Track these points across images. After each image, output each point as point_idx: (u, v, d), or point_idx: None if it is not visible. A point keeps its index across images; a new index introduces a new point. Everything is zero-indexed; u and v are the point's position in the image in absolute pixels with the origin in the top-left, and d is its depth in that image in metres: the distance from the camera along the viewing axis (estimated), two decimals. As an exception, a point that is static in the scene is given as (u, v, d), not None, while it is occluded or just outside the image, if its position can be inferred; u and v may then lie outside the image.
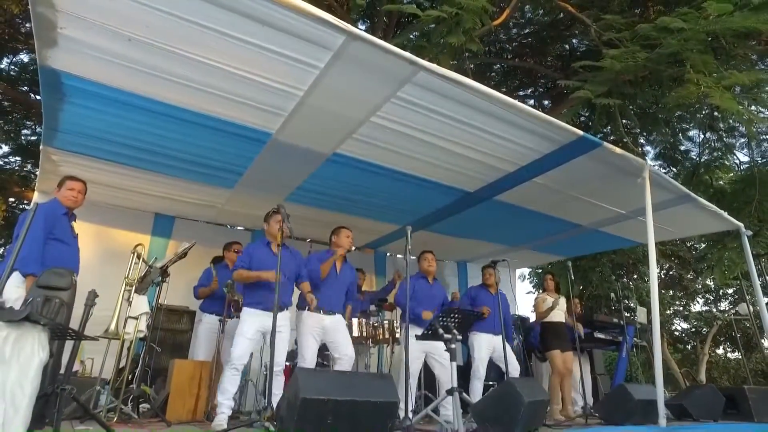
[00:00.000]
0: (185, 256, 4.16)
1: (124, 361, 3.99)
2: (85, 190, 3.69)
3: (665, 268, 14.59)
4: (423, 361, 4.53)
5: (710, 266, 9.69)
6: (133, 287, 3.89)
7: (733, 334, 14.60)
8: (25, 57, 9.21)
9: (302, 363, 3.89)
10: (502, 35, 9.68)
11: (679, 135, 9.40)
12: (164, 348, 4.70)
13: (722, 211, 5.18)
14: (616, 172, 4.35)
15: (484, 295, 5.21)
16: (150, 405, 3.98)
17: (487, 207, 5.34)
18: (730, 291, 15.90)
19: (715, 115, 8.40)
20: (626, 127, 8.57)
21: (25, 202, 9.78)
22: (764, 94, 6.52)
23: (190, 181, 4.92)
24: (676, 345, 18.90)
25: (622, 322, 6.49)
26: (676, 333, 18.86)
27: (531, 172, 4.52)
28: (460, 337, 3.80)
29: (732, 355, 19.25)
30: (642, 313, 7.30)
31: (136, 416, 3.67)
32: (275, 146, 4.11)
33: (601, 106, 6.42)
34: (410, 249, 3.95)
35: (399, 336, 5.08)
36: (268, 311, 3.63)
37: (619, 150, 4.09)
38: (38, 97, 6.72)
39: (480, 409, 3.42)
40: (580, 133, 3.84)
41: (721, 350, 19.28)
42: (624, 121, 8.22)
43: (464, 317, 3.90)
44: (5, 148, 10.07)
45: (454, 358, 3.64)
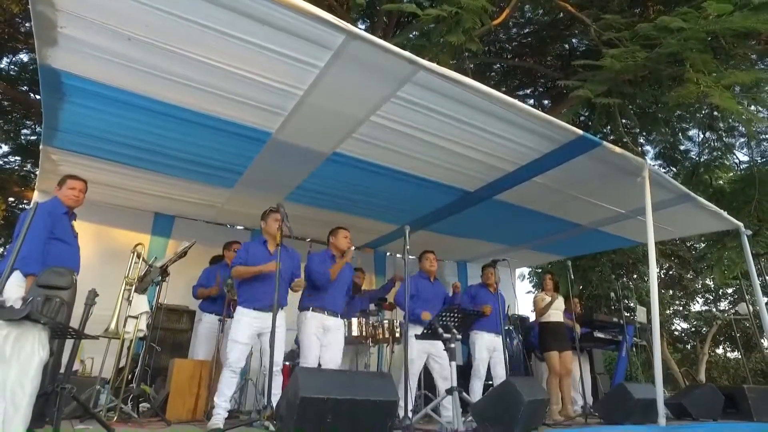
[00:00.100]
0: (185, 256, 4.17)
1: (124, 361, 3.99)
2: (85, 190, 3.67)
3: (665, 267, 14.59)
4: (425, 361, 4.54)
5: (710, 266, 9.70)
6: (133, 286, 3.89)
7: (733, 334, 14.60)
8: (24, 56, 9.23)
9: (305, 363, 3.88)
10: (502, 35, 9.69)
11: (679, 135, 9.40)
12: (164, 347, 4.71)
13: (722, 210, 5.18)
14: (616, 171, 4.36)
15: (484, 294, 5.23)
16: (150, 404, 3.99)
17: (486, 206, 5.35)
18: (729, 291, 15.91)
19: (715, 114, 8.41)
20: (626, 126, 8.57)
21: (25, 201, 9.78)
22: (764, 94, 6.54)
23: (190, 181, 4.93)
24: (676, 345, 18.91)
25: (621, 321, 6.49)
26: (676, 333, 18.87)
27: (531, 171, 4.52)
28: (459, 336, 3.80)
29: (732, 354, 19.27)
30: (642, 313, 7.30)
31: (136, 415, 3.67)
32: (275, 146, 4.11)
33: (601, 106, 6.42)
34: (409, 249, 3.96)
35: (399, 335, 5.08)
36: (262, 310, 3.64)
37: (618, 149, 4.09)
38: (38, 97, 6.73)
39: (480, 408, 3.42)
40: (580, 132, 3.84)
41: (721, 350, 19.29)
42: (624, 120, 8.22)
43: (464, 316, 3.90)
44: (5, 148, 10.09)
45: (454, 358, 3.64)
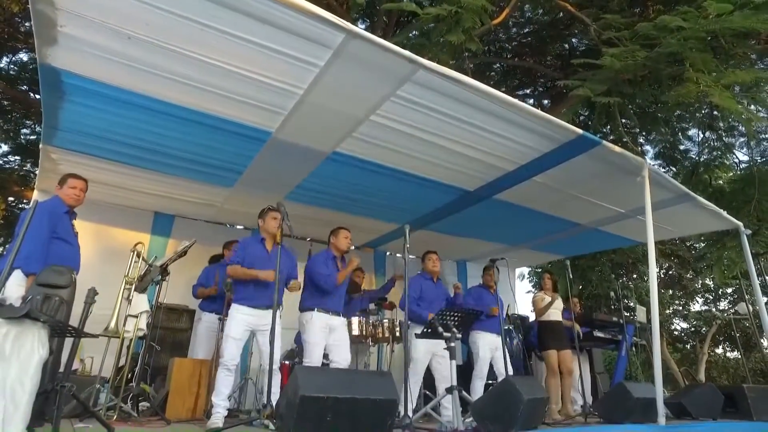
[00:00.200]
0: (185, 255, 4.17)
1: (123, 360, 4.00)
2: (86, 189, 3.68)
3: (665, 267, 14.59)
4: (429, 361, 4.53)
5: (709, 265, 9.70)
6: (132, 286, 3.89)
7: (733, 334, 14.62)
8: (24, 56, 9.24)
9: (309, 363, 3.89)
10: (502, 34, 9.69)
11: (679, 134, 9.40)
12: (164, 346, 4.71)
13: (721, 210, 5.18)
14: (616, 170, 4.35)
15: (486, 295, 5.22)
16: (149, 403, 3.98)
17: (486, 206, 5.34)
18: (729, 290, 15.92)
19: (715, 114, 8.42)
20: (625, 126, 8.58)
21: (25, 201, 9.78)
22: (763, 93, 6.54)
23: (190, 180, 4.92)
24: (676, 344, 18.92)
25: (621, 321, 6.49)
26: (676, 332, 18.88)
27: (530, 170, 4.52)
28: (459, 335, 3.81)
29: (731, 354, 19.28)
30: (641, 312, 7.30)
31: (135, 414, 3.66)
32: (275, 145, 4.11)
33: (601, 105, 6.43)
34: (408, 248, 3.95)
35: (400, 335, 5.09)
36: (257, 308, 3.65)
37: (618, 148, 4.09)
38: (38, 96, 6.72)
39: (479, 407, 3.42)
40: (580, 131, 3.83)
41: (721, 350, 19.30)
42: (623, 120, 8.23)
43: (465, 316, 3.91)
44: (5, 147, 10.11)
45: (454, 357, 3.65)
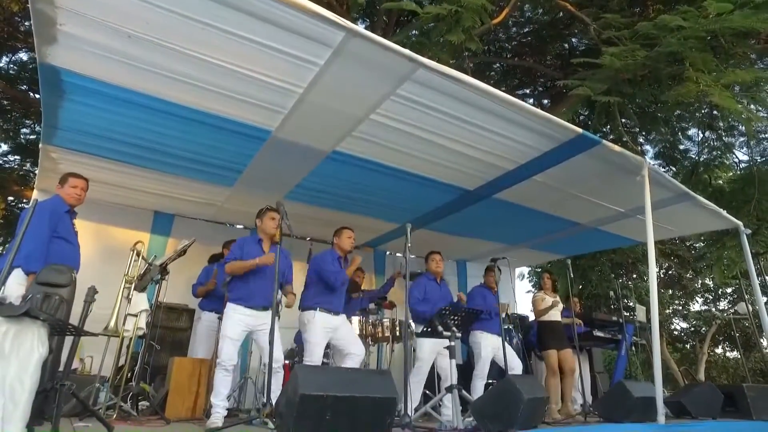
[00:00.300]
0: (185, 254, 4.16)
1: (123, 359, 3.99)
2: (87, 188, 3.68)
3: (664, 267, 14.59)
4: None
5: (709, 265, 9.71)
6: (132, 285, 3.89)
7: (732, 334, 14.62)
8: (24, 55, 9.22)
9: (310, 362, 3.88)
10: (502, 34, 9.69)
11: (679, 134, 9.41)
12: (163, 346, 4.71)
13: (721, 209, 5.18)
14: (616, 170, 4.35)
15: (489, 296, 5.21)
16: (149, 402, 3.98)
17: (486, 205, 5.34)
18: (729, 290, 15.92)
19: (715, 114, 8.42)
20: (625, 126, 8.58)
21: (24, 200, 9.78)
22: (763, 93, 6.54)
23: (190, 179, 4.92)
24: (675, 344, 18.92)
25: (621, 320, 6.50)
26: (675, 332, 18.89)
27: (530, 170, 4.51)
28: (459, 334, 3.81)
29: (731, 354, 19.29)
30: (641, 312, 7.30)
31: (135, 414, 3.66)
32: (275, 144, 4.11)
33: (601, 105, 6.43)
34: (410, 247, 3.95)
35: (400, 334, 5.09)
36: (253, 308, 3.66)
37: (618, 148, 4.09)
38: (37, 96, 6.73)
39: (479, 406, 3.42)
40: (580, 130, 3.83)
41: (720, 349, 19.31)
42: (623, 120, 8.23)
43: (467, 315, 3.91)
44: (4, 147, 10.09)
45: (453, 356, 3.65)
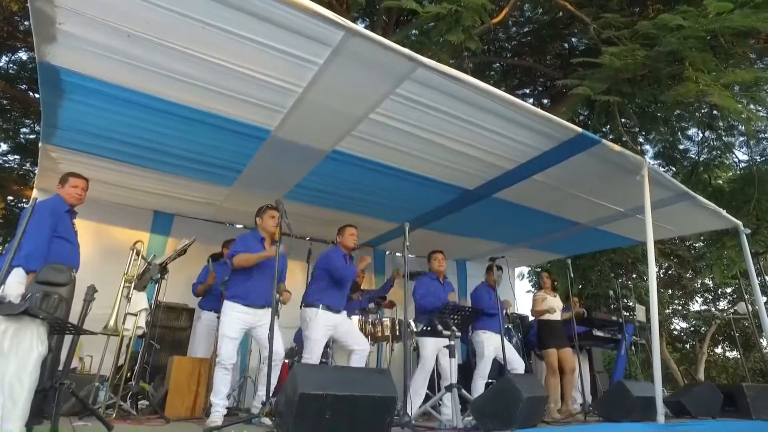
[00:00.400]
0: (184, 253, 4.16)
1: (123, 358, 3.99)
2: (87, 188, 3.69)
3: (664, 267, 14.59)
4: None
5: (709, 265, 9.71)
6: (132, 284, 3.89)
7: (732, 333, 14.62)
8: (23, 55, 9.20)
9: (309, 359, 3.89)
10: (501, 34, 9.69)
11: (678, 134, 9.41)
12: (163, 345, 4.70)
13: (721, 209, 5.19)
14: (615, 169, 4.36)
15: (492, 294, 5.20)
16: (149, 402, 3.98)
17: (486, 205, 5.34)
18: (729, 290, 15.92)
19: (714, 113, 8.42)
20: (625, 125, 8.58)
21: (24, 200, 9.78)
22: (763, 93, 6.54)
23: (190, 179, 4.92)
24: (675, 344, 18.92)
25: (621, 320, 6.50)
26: (675, 332, 18.89)
27: (530, 169, 4.51)
28: (459, 334, 3.81)
29: (731, 354, 19.30)
30: (641, 312, 7.30)
31: (134, 413, 3.66)
32: (274, 143, 4.11)
33: (600, 105, 6.43)
34: (409, 246, 3.95)
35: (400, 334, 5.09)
36: (251, 306, 3.68)
37: (618, 147, 4.09)
38: (37, 96, 6.73)
39: (479, 405, 3.42)
40: (579, 129, 3.83)
41: (720, 349, 19.31)
42: (623, 119, 8.23)
43: (467, 314, 3.92)
44: (4, 147, 10.08)
45: (453, 355, 3.65)
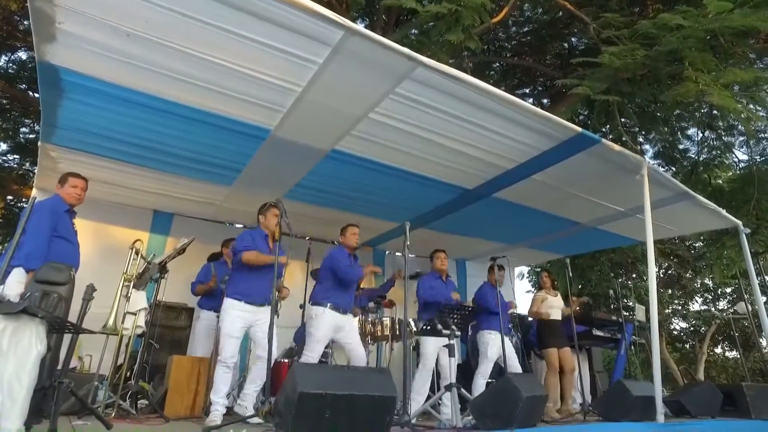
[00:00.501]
0: (184, 252, 4.16)
1: (122, 358, 3.99)
2: (86, 188, 3.69)
3: (664, 267, 14.59)
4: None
5: (709, 265, 9.71)
6: (131, 283, 3.88)
7: (732, 333, 14.62)
8: (23, 54, 9.19)
9: (309, 358, 3.88)
10: (501, 34, 9.69)
11: (678, 134, 9.40)
12: (163, 345, 4.71)
13: (721, 208, 5.18)
14: (615, 169, 4.36)
15: (495, 294, 5.20)
16: (148, 401, 3.98)
17: (485, 204, 5.34)
18: (728, 290, 15.92)
19: (714, 113, 8.42)
20: (625, 125, 8.57)
21: (24, 200, 9.78)
22: (762, 93, 6.53)
23: (189, 178, 4.92)
24: (675, 344, 18.92)
25: (620, 319, 6.50)
26: (675, 332, 18.88)
27: (530, 169, 4.51)
28: (458, 333, 3.81)
29: (730, 354, 19.29)
30: (641, 311, 7.30)
31: (134, 412, 3.66)
32: (274, 143, 4.11)
33: (600, 104, 6.43)
34: (409, 246, 3.96)
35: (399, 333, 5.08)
36: (252, 304, 3.68)
37: (617, 147, 4.09)
38: (36, 95, 6.70)
39: (478, 404, 3.42)
40: (579, 129, 3.84)
41: (720, 349, 19.31)
42: (623, 119, 8.22)
43: (468, 314, 3.91)
44: (3, 146, 10.08)
45: (453, 354, 3.65)
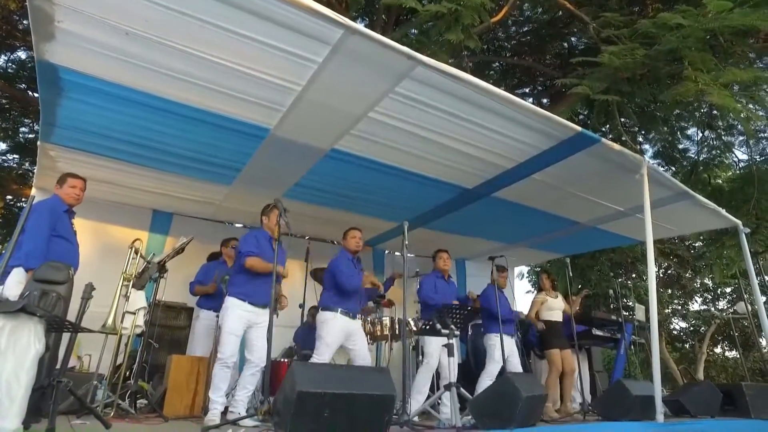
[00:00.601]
0: (183, 252, 4.16)
1: (121, 357, 3.99)
2: (85, 188, 3.70)
3: (664, 267, 14.59)
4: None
5: (708, 264, 9.71)
6: (130, 282, 3.88)
7: (732, 333, 14.62)
8: (22, 54, 9.18)
9: (318, 361, 3.88)
10: (501, 33, 9.69)
11: (678, 133, 9.39)
12: (162, 344, 4.70)
13: (720, 208, 5.18)
14: (615, 168, 4.35)
15: (500, 297, 5.19)
16: (147, 400, 3.98)
17: (485, 204, 5.34)
18: (728, 290, 15.92)
19: (714, 113, 8.41)
20: (624, 125, 8.56)
21: (23, 199, 9.77)
22: (762, 92, 6.53)
23: (189, 178, 4.91)
24: (675, 344, 18.92)
25: (620, 319, 6.50)
26: (675, 332, 18.88)
27: (529, 168, 4.51)
28: (458, 332, 3.81)
29: (730, 353, 19.29)
30: (640, 311, 7.30)
31: (133, 411, 3.65)
32: (273, 142, 4.10)
33: (600, 104, 6.42)
34: (408, 245, 3.95)
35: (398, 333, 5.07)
36: (254, 305, 3.68)
37: (617, 146, 4.09)
38: (36, 95, 6.69)
39: (478, 404, 3.42)
40: (579, 128, 3.83)
41: (719, 349, 19.31)
42: (622, 119, 8.22)
43: (468, 313, 3.91)
44: (3, 146, 10.08)
45: (452, 354, 3.65)
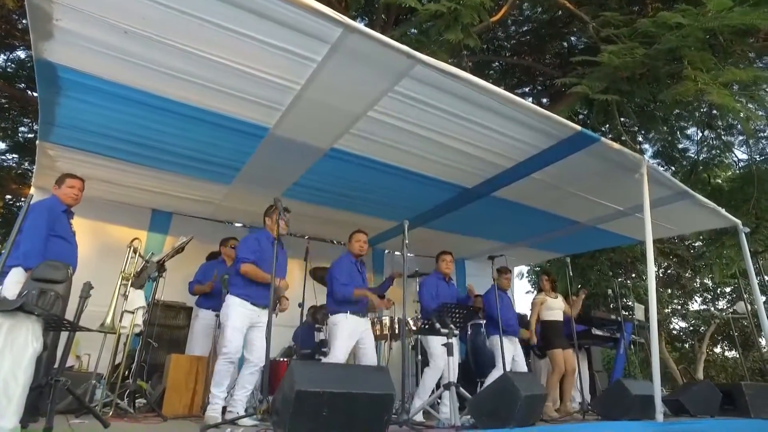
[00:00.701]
0: (182, 251, 4.16)
1: (120, 356, 3.98)
2: (83, 188, 3.71)
3: (663, 266, 14.59)
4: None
5: (708, 264, 9.71)
6: (129, 281, 3.87)
7: (731, 333, 14.63)
8: (21, 53, 9.16)
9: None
10: (501, 33, 9.68)
11: (677, 133, 9.38)
12: (161, 344, 4.70)
13: (720, 208, 5.18)
14: (614, 167, 4.35)
15: (503, 299, 5.18)
16: (146, 400, 3.97)
17: (485, 203, 5.34)
18: (728, 290, 15.93)
19: (713, 113, 8.40)
20: (624, 125, 8.56)
21: (22, 199, 9.76)
22: (762, 92, 6.52)
23: (188, 177, 4.91)
24: (674, 343, 18.93)
25: (620, 319, 6.50)
26: (674, 332, 18.89)
27: (529, 167, 4.51)
28: (457, 332, 3.81)
29: (729, 353, 19.30)
30: (640, 311, 7.31)
31: (132, 411, 3.64)
32: (272, 141, 4.10)
33: (599, 103, 6.42)
34: (408, 245, 3.95)
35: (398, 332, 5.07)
36: (256, 305, 3.69)
37: (616, 145, 4.09)
38: (35, 94, 6.69)
39: (477, 403, 3.41)
40: (578, 127, 3.83)
41: (719, 349, 19.32)
42: (622, 119, 8.21)
43: (467, 313, 3.91)
44: (2, 146, 10.07)
45: (452, 353, 3.64)
